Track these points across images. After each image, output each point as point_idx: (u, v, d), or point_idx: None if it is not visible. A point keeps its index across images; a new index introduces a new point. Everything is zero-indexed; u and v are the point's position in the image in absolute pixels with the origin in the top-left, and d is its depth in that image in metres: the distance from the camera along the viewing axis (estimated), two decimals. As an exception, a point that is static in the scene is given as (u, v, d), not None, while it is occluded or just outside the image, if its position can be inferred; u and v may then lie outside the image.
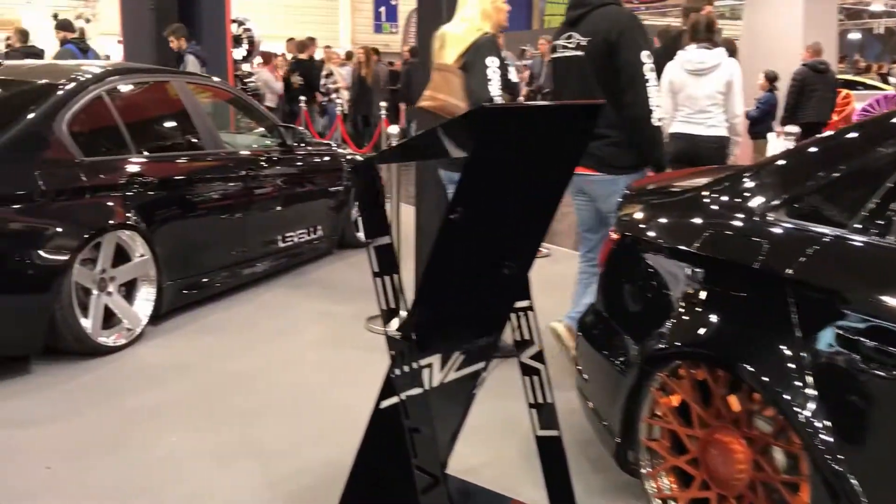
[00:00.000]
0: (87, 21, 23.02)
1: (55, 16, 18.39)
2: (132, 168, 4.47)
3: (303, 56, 12.30)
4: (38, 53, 7.84)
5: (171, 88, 5.09)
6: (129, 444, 3.27)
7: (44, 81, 4.46)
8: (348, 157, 6.66)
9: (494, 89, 3.72)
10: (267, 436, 3.35)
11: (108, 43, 18.19)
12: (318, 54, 13.08)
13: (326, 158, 6.34)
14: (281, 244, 5.72)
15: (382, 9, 26.63)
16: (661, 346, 2.43)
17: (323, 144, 6.60)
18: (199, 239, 4.93)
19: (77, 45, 8.71)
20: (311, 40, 12.73)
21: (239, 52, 10.44)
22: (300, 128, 6.43)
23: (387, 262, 2.25)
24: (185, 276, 4.81)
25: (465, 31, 3.87)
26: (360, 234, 6.72)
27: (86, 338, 4.09)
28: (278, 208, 5.66)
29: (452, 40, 3.89)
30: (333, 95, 11.45)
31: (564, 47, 3.78)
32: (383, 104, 9.23)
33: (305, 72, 11.96)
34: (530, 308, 2.45)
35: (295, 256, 5.94)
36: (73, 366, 4.05)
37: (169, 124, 5.22)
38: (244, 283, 5.40)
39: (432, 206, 4.48)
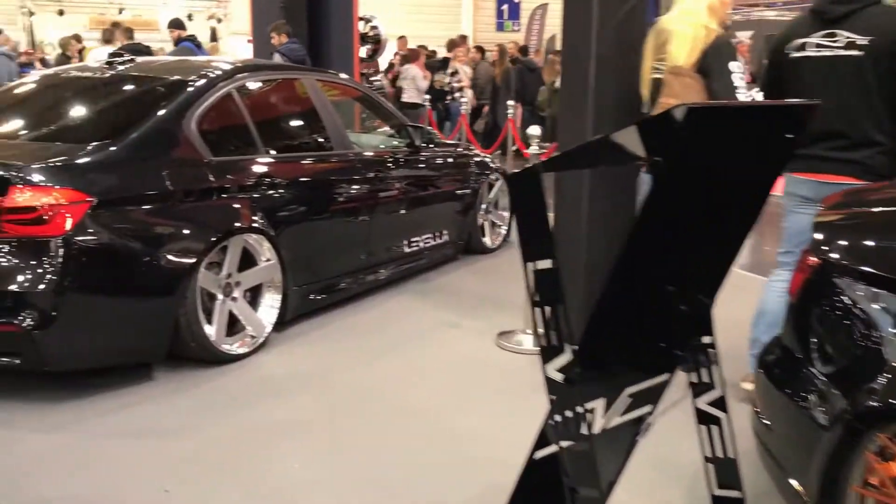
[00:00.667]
0: (219, 21, 23.74)
1: (189, 16, 18.99)
2: (260, 168, 4.30)
3: (450, 55, 12.12)
4: (143, 50, 7.95)
5: (300, 86, 4.91)
6: (249, 468, 3.06)
7: (174, 78, 4.35)
8: (477, 158, 6.36)
9: (742, 97, 3.36)
10: (390, 469, 3.07)
11: (238, 42, 18.64)
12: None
13: (455, 160, 6.06)
14: (406, 249, 5.48)
15: (505, 6, 26.29)
16: (879, 400, 2.00)
17: (451, 145, 6.32)
18: (324, 243, 4.73)
19: (193, 42, 8.86)
20: (463, 38, 12.51)
21: (364, 50, 10.36)
22: (429, 127, 6.17)
23: (550, 290, 1.91)
24: (310, 281, 4.61)
25: (695, 28, 3.51)
26: (487, 240, 6.41)
27: (209, 345, 3.93)
28: (405, 211, 5.41)
29: (681, 39, 3.52)
30: (457, 94, 11.21)
31: (822, 46, 3.31)
32: (511, 103, 8.89)
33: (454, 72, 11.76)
34: (712, 345, 2.06)
35: (420, 262, 5.68)
36: (196, 374, 3.90)
37: (298, 123, 5.05)
38: (368, 289, 5.18)
39: (571, 218, 4.12)
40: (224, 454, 3.17)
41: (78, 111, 4.32)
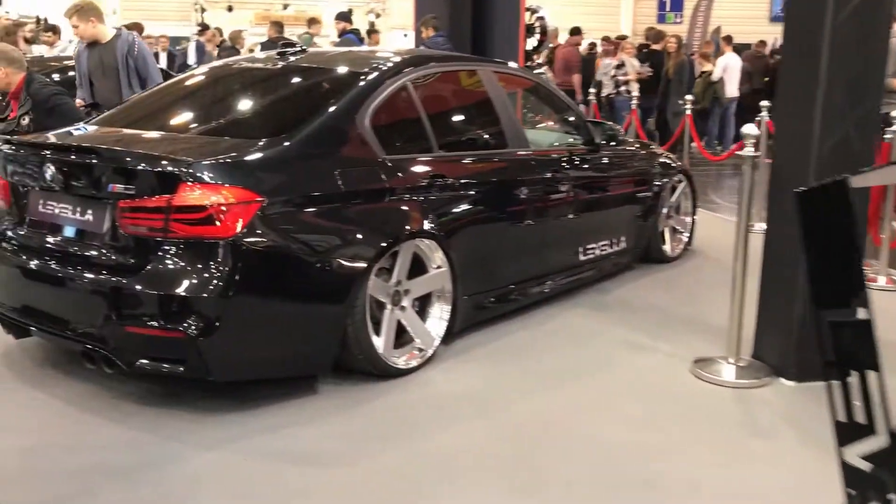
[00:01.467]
0: (377, 16, 23.96)
1: (350, 11, 19.20)
2: (433, 168, 3.96)
3: (656, 46, 11.47)
4: (288, 45, 7.95)
5: (476, 78, 4.53)
6: (425, 506, 2.72)
7: (347, 70, 4.08)
8: (661, 158, 5.80)
9: None
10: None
11: (395, 36, 18.66)
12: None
13: (637, 159, 5.54)
14: (581, 257, 5.01)
15: (668, -2, 25.20)
16: None
17: (633, 143, 5.78)
18: (497, 249, 4.34)
19: (356, 35, 8.77)
20: (661, 34, 11.83)
21: (531, 42, 9.94)
22: (610, 123, 5.66)
23: (857, 349, 1.42)
24: (480, 290, 4.24)
25: None
26: (667, 248, 5.85)
27: (377, 358, 3.63)
28: (582, 216, 4.94)
29: None
30: (622, 88, 10.57)
31: None
32: (690, 97, 8.21)
33: (657, 63, 11.23)
34: None
35: (596, 271, 5.20)
36: (361, 389, 3.61)
37: (472, 119, 4.68)
38: (539, 301, 4.75)
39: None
40: (396, 487, 2.84)
41: (248, 104, 4.13)
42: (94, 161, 3.35)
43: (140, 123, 4.00)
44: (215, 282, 3.14)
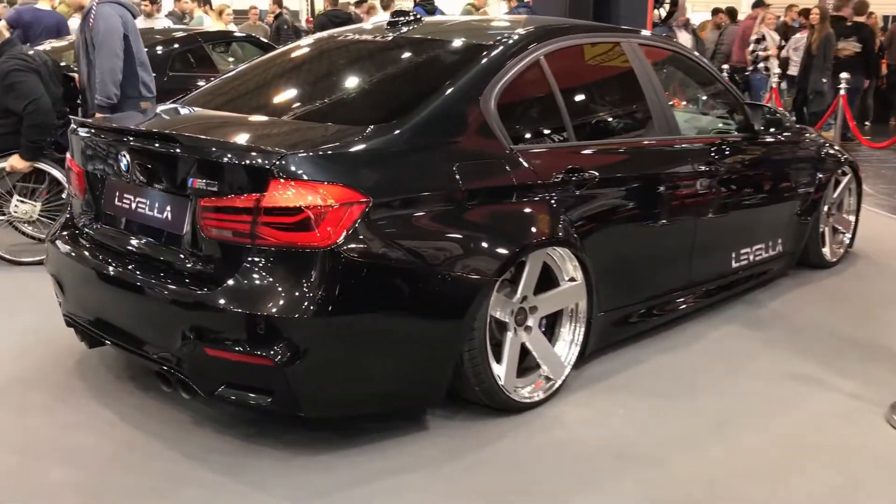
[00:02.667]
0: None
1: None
2: (569, 161, 3.30)
3: (860, 19, 10.14)
4: (345, 20, 7.30)
5: (619, 53, 3.82)
6: None
7: (467, 43, 3.46)
8: (826, 148, 4.96)
9: None
10: None
11: (500, 8, 17.87)
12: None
13: (800, 149, 4.72)
14: (734, 263, 4.27)
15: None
16: None
17: (797, 130, 4.94)
18: (640, 256, 3.67)
19: (424, 7, 8.12)
20: (864, 4, 10.44)
21: (659, 14, 9.07)
22: (771, 105, 4.85)
23: None
24: (619, 305, 3.58)
25: None
26: (826, 250, 5.03)
27: (497, 390, 3.03)
28: (736, 214, 4.20)
29: None
30: (761, 64, 9.52)
31: None
32: (846, 76, 7.23)
33: (866, 38, 9.87)
34: None
35: (748, 280, 4.45)
36: (476, 426, 3.02)
37: (615, 101, 3.97)
38: (683, 316, 4.05)
39: None
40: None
41: (352, 84, 3.55)
42: (172, 150, 2.84)
43: (232, 104, 3.49)
44: (309, 300, 2.59)
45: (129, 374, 3.38)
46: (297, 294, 2.60)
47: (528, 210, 3.10)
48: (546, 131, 3.39)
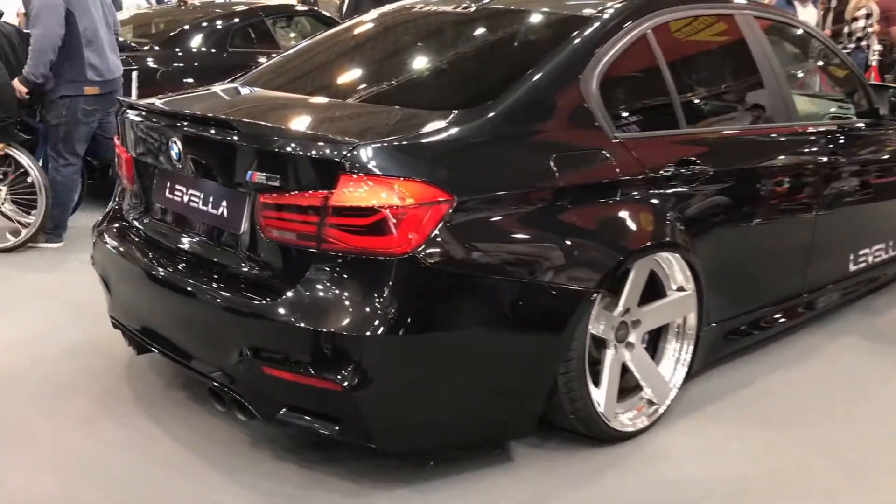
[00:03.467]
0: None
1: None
2: (681, 152, 2.86)
3: None
4: None
5: (733, 28, 3.32)
6: None
7: (562, 14, 3.02)
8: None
9: None
10: None
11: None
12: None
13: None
14: (852, 266, 3.77)
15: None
16: None
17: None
18: (753, 259, 3.21)
19: None
20: None
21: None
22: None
23: None
24: (730, 315, 3.13)
25: None
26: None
27: (595, 417, 2.62)
28: (855, 211, 3.70)
29: None
30: (864, 43, 8.74)
31: None
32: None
33: None
34: None
35: (866, 284, 3.95)
36: (568, 458, 2.63)
37: (730, 84, 3.48)
38: (794, 326, 3.58)
39: None
40: None
41: (430, 62, 3.13)
42: (228, 137, 2.47)
43: (294, 85, 3.12)
44: (383, 316, 2.22)
45: (180, 383, 3.07)
46: (369, 308, 2.23)
47: (634, 209, 2.67)
48: (653, 117, 2.94)
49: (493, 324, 2.39)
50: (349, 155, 2.23)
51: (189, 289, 2.54)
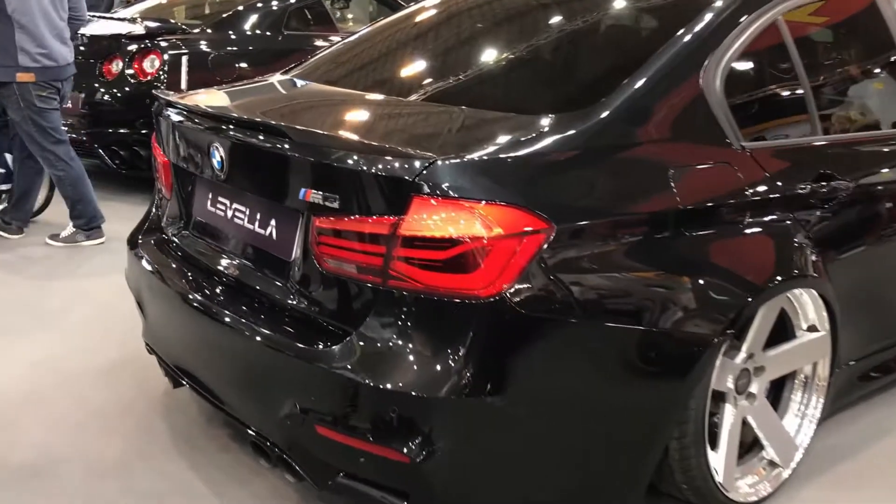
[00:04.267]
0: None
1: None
2: (818, 165, 2.36)
3: None
4: None
5: (876, 14, 2.79)
6: None
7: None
8: None
9: None
10: None
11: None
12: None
13: None
14: None
15: None
16: None
17: None
18: (889, 290, 2.71)
19: None
20: None
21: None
22: None
23: None
24: (866, 353, 2.64)
25: None
26: None
27: (712, 488, 2.17)
28: None
29: None
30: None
31: None
32: None
33: None
34: None
35: None
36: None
37: (874, 81, 2.95)
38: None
39: None
40: None
41: (515, 55, 2.66)
42: (277, 146, 2.06)
43: (354, 80, 2.71)
44: (464, 373, 1.79)
45: (223, 417, 2.67)
46: (445, 363, 1.80)
47: (765, 236, 2.19)
48: (786, 122, 2.45)
49: (596, 383, 1.94)
50: (424, 172, 1.80)
51: (227, 321, 2.15)
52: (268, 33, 5.96)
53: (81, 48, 5.63)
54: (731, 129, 2.19)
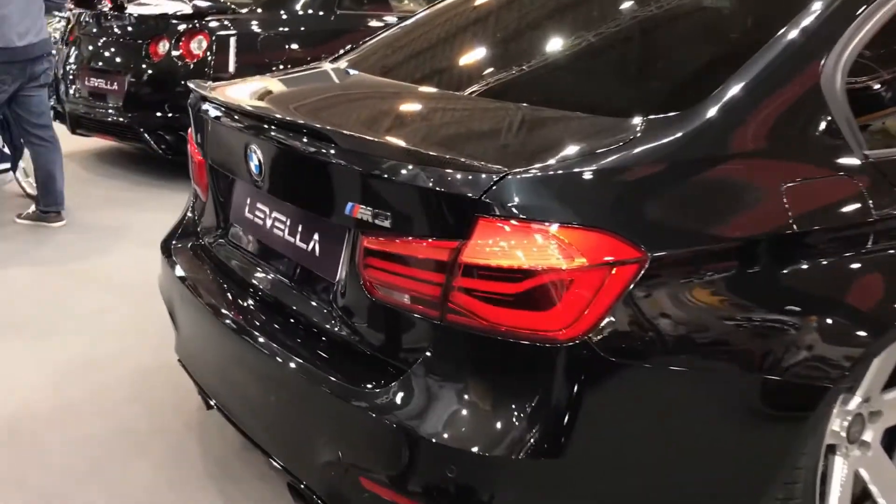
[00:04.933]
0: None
1: None
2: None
3: None
4: None
5: None
6: None
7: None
8: None
9: None
10: None
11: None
12: None
13: None
14: None
15: None
16: None
17: None
18: None
19: None
20: None
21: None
22: None
23: None
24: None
25: None
26: None
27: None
28: None
29: None
30: None
31: None
32: None
33: None
34: None
35: None
36: None
37: None
38: None
39: None
40: None
41: (594, 47, 2.34)
42: (321, 151, 1.78)
43: (410, 72, 2.43)
44: (536, 429, 1.50)
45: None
46: (515, 417, 1.52)
47: (888, 264, 1.86)
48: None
49: (694, 443, 1.64)
50: (493, 189, 1.51)
51: (260, 344, 1.90)
52: (320, 13, 5.72)
53: (129, 28, 5.46)
54: (853, 135, 1.85)
